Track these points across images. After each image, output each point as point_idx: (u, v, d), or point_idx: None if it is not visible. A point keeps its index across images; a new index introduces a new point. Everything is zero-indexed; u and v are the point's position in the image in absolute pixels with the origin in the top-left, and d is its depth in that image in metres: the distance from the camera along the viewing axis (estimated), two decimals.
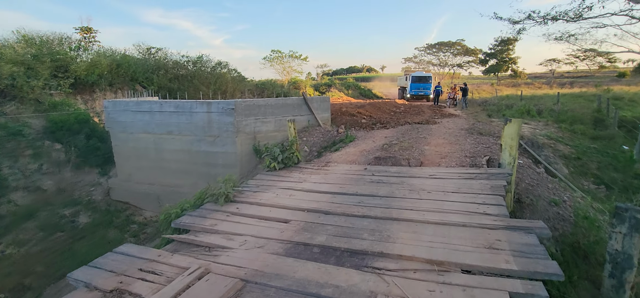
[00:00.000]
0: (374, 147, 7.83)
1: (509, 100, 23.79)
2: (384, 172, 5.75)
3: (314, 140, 10.47)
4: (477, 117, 15.90)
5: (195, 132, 10.08)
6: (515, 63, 57.89)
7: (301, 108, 11.09)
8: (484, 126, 11.66)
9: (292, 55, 49.40)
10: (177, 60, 20.61)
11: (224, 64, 21.53)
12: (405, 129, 11.00)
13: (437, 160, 6.37)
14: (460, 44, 59.87)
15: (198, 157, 10.24)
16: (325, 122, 11.70)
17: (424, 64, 65.62)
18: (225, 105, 9.52)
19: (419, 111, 18.94)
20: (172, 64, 20.00)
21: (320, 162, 7.01)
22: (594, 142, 12.34)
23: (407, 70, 36.16)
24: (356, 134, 10.77)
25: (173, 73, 19.34)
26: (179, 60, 20.63)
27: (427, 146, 7.61)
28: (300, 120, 11.09)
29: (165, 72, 17.88)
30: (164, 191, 10.72)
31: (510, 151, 5.38)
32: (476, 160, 6.34)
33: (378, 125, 11.90)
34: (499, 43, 56.05)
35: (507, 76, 60.91)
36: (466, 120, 13.87)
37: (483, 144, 7.96)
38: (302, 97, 11.05)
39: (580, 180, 8.94)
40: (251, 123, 9.96)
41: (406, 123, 12.16)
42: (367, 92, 41.91)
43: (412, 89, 31.54)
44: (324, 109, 11.65)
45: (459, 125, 11.92)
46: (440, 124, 12.43)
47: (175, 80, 18.97)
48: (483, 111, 19.57)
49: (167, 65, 19.71)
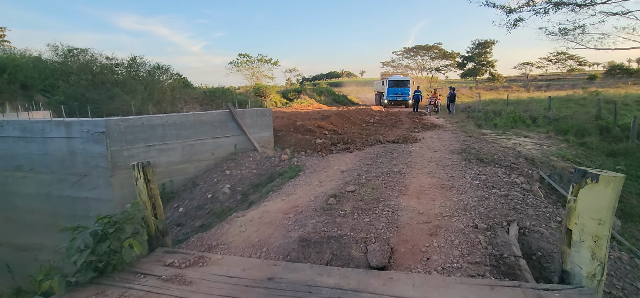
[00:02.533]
0: (316, 198, 4.59)
1: (494, 105, 21.36)
2: (307, 292, 2.53)
3: (241, 174, 7.13)
4: (465, 127, 13.07)
5: (53, 167, 6.52)
6: (493, 66, 56.98)
7: (227, 126, 7.74)
8: (479, 145, 8.70)
9: (262, 59, 45.88)
10: (104, 64, 16.82)
11: (164, 68, 17.85)
12: (375, 152, 7.85)
13: (423, 242, 3.20)
14: (437, 47, 58.51)
15: (61, 206, 6.67)
16: (265, 144, 8.40)
17: (402, 68, 63.94)
18: (91, 126, 6.03)
19: (396, 121, 15.97)
20: (97, 68, 16.17)
21: (190, 253, 3.68)
22: (611, 160, 9.70)
23: (385, 75, 33.42)
24: (306, 161, 7.52)
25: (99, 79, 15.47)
26: (106, 63, 16.84)
27: (404, 197, 4.44)
28: (225, 144, 7.74)
29: (77, 78, 13.99)
30: (15, 256, 7.05)
31: (595, 248, 2.28)
32: (496, 239, 3.22)
33: (339, 146, 8.71)
34: (477, 46, 54.99)
35: (485, 79, 60.02)
36: (453, 134, 10.95)
37: (493, 184, 4.91)
38: (228, 111, 7.69)
39: (631, 229, 6.08)
40: (140, 152, 6.51)
41: (377, 142, 9.03)
42: (341, 98, 38.91)
43: (390, 95, 28.84)
44: (262, 126, 8.34)
45: (446, 144, 8.90)
46: (422, 141, 9.38)
47: (100, 87, 15.11)
48: (468, 118, 16.85)
49: (92, 70, 15.86)
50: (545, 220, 3.85)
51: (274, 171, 7.14)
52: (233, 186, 6.73)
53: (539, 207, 4.18)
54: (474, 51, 55.60)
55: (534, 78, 64.82)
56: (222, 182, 6.87)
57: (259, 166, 7.44)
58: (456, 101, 20.74)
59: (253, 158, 7.71)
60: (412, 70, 63.82)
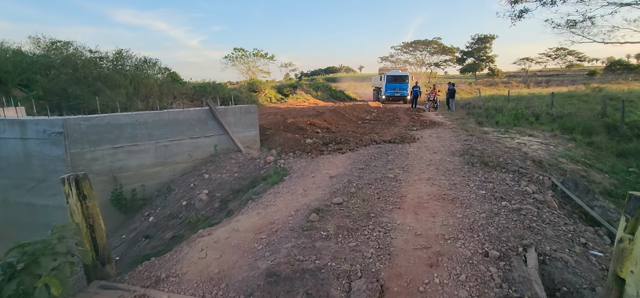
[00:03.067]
0: (296, 212, 3.93)
1: (495, 101, 20.72)
2: None
3: (221, 178, 6.45)
4: (465, 125, 12.42)
5: (8, 171, 5.83)
6: (492, 61, 56.25)
7: (206, 124, 7.04)
8: (482, 145, 8.05)
9: (257, 54, 44.95)
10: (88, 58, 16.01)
11: (151, 62, 17.03)
12: (369, 154, 7.19)
13: (422, 277, 2.55)
14: (436, 42, 57.77)
15: (20, 214, 5.99)
16: (250, 144, 7.72)
17: (401, 63, 63.22)
18: (48, 126, 5.34)
19: (394, 118, 15.31)
20: (80, 62, 15.36)
21: (130, 290, 3.00)
22: (622, 161, 9.11)
23: (383, 70, 32.59)
24: (293, 163, 6.85)
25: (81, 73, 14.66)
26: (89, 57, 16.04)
27: (399, 212, 3.79)
28: (205, 145, 7.05)
29: (58, 72, 13.20)
30: None
31: None
32: (512, 273, 2.58)
33: (331, 146, 8.04)
34: (476, 41, 54.23)
35: (484, 75, 59.37)
36: (453, 132, 10.30)
37: (502, 195, 4.26)
38: (207, 108, 6.99)
39: None
40: (106, 155, 5.82)
41: (372, 142, 8.37)
42: (338, 93, 38.06)
43: (388, 90, 28.12)
44: (247, 125, 7.65)
45: (447, 144, 8.24)
46: (421, 141, 8.72)
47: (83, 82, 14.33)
48: (469, 115, 16.19)
49: (75, 63, 15.05)
50: (568, 243, 3.21)
51: (258, 175, 6.47)
52: (211, 192, 6.06)
53: (557, 225, 3.55)
54: (474, 46, 54.85)
55: (533, 74, 64.20)
56: (200, 187, 6.20)
57: (242, 169, 6.77)
58: (456, 97, 20.06)
59: (236, 160, 7.03)
60: (411, 65, 63.13)
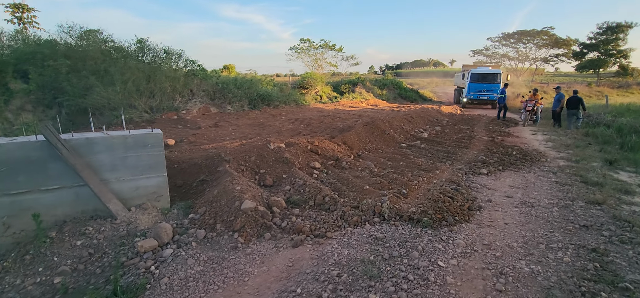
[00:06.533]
0: None
1: (633, 114, 13.48)
2: None
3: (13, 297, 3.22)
4: (582, 165, 6.93)
5: None
6: (626, 57, 42.70)
7: (47, 169, 3.85)
8: (629, 250, 3.18)
9: (325, 45, 41.80)
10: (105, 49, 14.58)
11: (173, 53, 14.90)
12: (346, 258, 3.07)
13: None
14: (547, 33, 46.51)
15: None
16: (149, 200, 4.34)
17: (498, 57, 53.04)
18: None
19: (464, 138, 10.26)
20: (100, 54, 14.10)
21: None
22: None
23: (468, 66, 26.07)
24: (191, 255, 3.22)
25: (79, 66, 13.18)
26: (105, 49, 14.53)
27: None
28: (43, 205, 3.89)
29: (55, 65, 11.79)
30: None
31: None
32: None
33: (288, 221, 4.18)
34: (604, 31, 41.60)
35: (611, 74, 45.77)
36: (559, 188, 5.27)
37: None
38: (44, 140, 3.78)
39: None
40: None
41: (374, 216, 4.18)
42: (409, 93, 32.24)
43: (470, 92, 22.03)
44: (142, 166, 4.26)
45: (539, 235, 3.40)
46: (482, 215, 4.08)
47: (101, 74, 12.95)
48: (587, 138, 9.98)
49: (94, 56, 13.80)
50: None
51: (98, 283, 3.06)
52: None
53: None
54: (600, 37, 42.29)
55: None
56: None
57: (88, 265, 3.43)
58: (564, 105, 13.13)
59: (90, 241, 3.73)
60: (511, 60, 52.48)
